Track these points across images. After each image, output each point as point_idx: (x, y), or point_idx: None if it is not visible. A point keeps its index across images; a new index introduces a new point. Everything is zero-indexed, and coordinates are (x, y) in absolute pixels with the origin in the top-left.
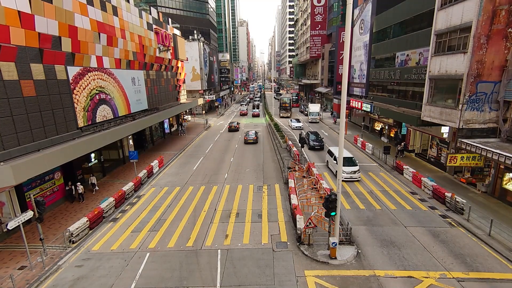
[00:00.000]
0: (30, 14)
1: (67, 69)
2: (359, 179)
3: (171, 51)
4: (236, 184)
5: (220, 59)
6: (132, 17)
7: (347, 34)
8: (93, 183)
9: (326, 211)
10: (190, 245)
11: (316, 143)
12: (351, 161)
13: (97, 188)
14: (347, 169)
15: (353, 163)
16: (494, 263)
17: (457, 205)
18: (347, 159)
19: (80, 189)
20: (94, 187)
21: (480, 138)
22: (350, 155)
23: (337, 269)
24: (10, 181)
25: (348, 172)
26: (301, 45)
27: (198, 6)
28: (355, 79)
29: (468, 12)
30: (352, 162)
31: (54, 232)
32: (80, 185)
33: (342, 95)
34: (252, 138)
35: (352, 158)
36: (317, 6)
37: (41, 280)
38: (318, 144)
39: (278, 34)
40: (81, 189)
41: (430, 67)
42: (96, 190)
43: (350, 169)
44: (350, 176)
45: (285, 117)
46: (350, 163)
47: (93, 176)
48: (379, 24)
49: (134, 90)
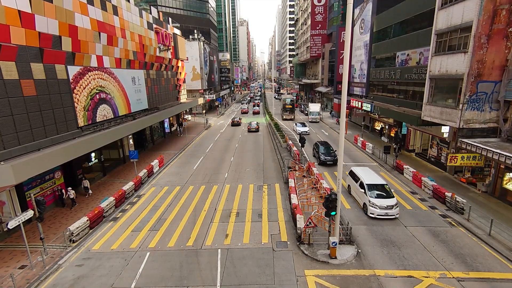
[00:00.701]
0: (31, 14)
1: (68, 69)
2: (397, 216)
3: (171, 50)
4: (236, 184)
5: (221, 59)
6: (132, 17)
7: (348, 34)
8: (86, 186)
9: (326, 211)
10: (190, 245)
11: (328, 158)
12: (384, 190)
13: (90, 192)
14: (379, 202)
15: (387, 194)
16: (494, 263)
17: (457, 205)
18: (378, 186)
19: (71, 193)
20: (87, 191)
21: (481, 138)
22: (381, 181)
23: (337, 269)
24: (11, 181)
25: (380, 206)
26: (302, 44)
27: (199, 5)
28: (355, 78)
29: (468, 11)
30: (386, 192)
31: (55, 231)
32: (71, 190)
33: (342, 94)
34: (254, 127)
35: (385, 186)
36: (317, 5)
37: (42, 279)
38: (330, 159)
39: (278, 33)
40: (73, 194)
41: (430, 67)
42: (89, 194)
43: (383, 203)
44: (385, 212)
45: (288, 119)
46: (383, 193)
47: (86, 180)
48: (379, 23)
49: (134, 89)
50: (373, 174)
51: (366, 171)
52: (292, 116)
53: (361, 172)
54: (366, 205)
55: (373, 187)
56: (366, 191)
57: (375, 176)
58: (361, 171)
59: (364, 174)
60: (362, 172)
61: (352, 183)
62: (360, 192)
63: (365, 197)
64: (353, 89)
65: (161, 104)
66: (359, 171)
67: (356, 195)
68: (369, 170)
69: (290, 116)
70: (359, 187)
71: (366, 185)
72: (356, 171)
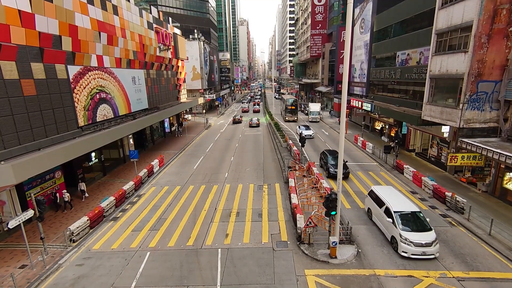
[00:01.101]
0: (31, 13)
1: (68, 68)
2: (437, 256)
3: (171, 50)
4: (237, 184)
5: (221, 58)
6: (132, 16)
7: (348, 34)
8: (82, 189)
9: (327, 210)
10: (190, 244)
11: None
12: (418, 221)
13: (86, 195)
14: (414, 237)
15: (422, 225)
16: (494, 263)
17: (458, 205)
18: (410, 216)
19: (66, 196)
20: (83, 194)
21: (481, 137)
22: (413, 207)
23: (337, 268)
24: (11, 180)
25: (416, 243)
26: (302, 44)
27: (199, 5)
28: (355, 78)
29: (469, 11)
30: (421, 222)
31: (55, 231)
32: (66, 193)
33: (342, 94)
34: (255, 123)
35: (419, 215)
36: (317, 5)
37: (42, 279)
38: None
39: (278, 33)
40: (67, 197)
41: (430, 67)
42: (85, 197)
43: (420, 238)
44: (422, 251)
45: (291, 121)
46: (418, 224)
47: (82, 183)
48: (379, 23)
49: (135, 89)
50: (400, 197)
51: (391, 193)
52: (295, 118)
53: (386, 194)
54: (396, 240)
55: (404, 216)
56: (395, 221)
57: (403, 200)
58: (385, 193)
59: (390, 197)
60: (386, 195)
61: (374, 207)
62: (386, 222)
63: (394, 229)
64: (353, 88)
65: (161, 104)
66: (382, 193)
67: (381, 224)
68: (394, 191)
69: (293, 117)
70: (385, 215)
71: (394, 213)
72: (379, 193)
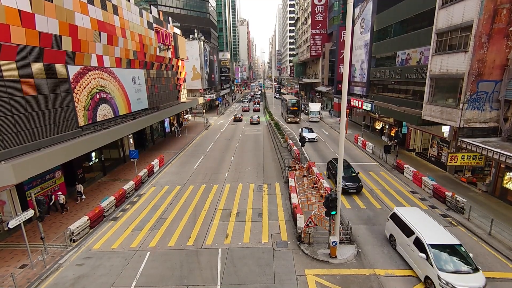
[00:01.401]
0: (31, 13)
1: (68, 68)
2: None
3: (171, 50)
4: (237, 183)
5: (221, 58)
6: (132, 16)
7: (348, 33)
8: (79, 191)
9: (327, 210)
10: (190, 244)
11: (350, 184)
12: (460, 257)
13: (83, 197)
14: (459, 281)
15: (467, 263)
16: (494, 262)
17: (458, 205)
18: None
19: (61, 199)
20: (80, 196)
21: (481, 137)
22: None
23: (338, 268)
24: (11, 180)
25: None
26: (302, 44)
27: (199, 5)
28: (355, 78)
29: (469, 11)
30: (464, 259)
31: (55, 231)
32: (61, 195)
33: (342, 94)
34: (256, 120)
35: (460, 249)
36: (317, 5)
37: (42, 278)
38: (353, 186)
39: (278, 33)
40: (62, 199)
41: (431, 66)
42: (82, 200)
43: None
44: None
45: (294, 122)
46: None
47: (79, 184)
48: (379, 23)
49: (135, 89)
50: (434, 224)
51: (420, 218)
52: (298, 119)
53: (414, 219)
54: (434, 283)
55: (442, 251)
56: (430, 258)
57: (438, 228)
58: (413, 218)
59: (420, 224)
60: (415, 220)
61: (399, 234)
62: (417, 257)
63: (429, 267)
64: (354, 88)
65: (161, 104)
66: (409, 218)
67: (409, 257)
68: (423, 215)
69: (295, 119)
70: (415, 247)
71: (428, 247)
72: (405, 217)
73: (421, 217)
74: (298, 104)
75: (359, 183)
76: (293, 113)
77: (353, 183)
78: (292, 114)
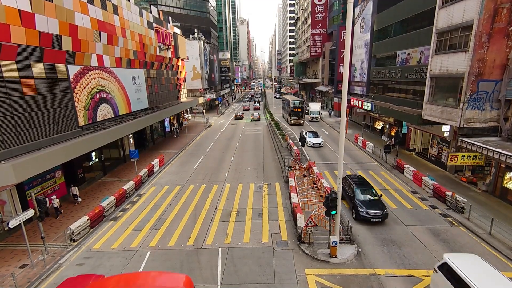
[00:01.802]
0: (31, 13)
1: (68, 68)
2: None
3: (171, 49)
4: (237, 183)
5: (221, 58)
6: (132, 16)
7: (348, 33)
8: (74, 194)
9: (327, 210)
10: (190, 244)
11: (373, 211)
12: None
13: (79, 200)
14: None
15: None
16: (494, 262)
17: (458, 204)
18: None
19: (55, 203)
20: (76, 199)
21: (481, 137)
22: None
23: (338, 268)
24: (11, 180)
25: None
26: (302, 43)
27: (199, 4)
28: (355, 78)
29: (469, 10)
30: None
31: (55, 230)
32: (55, 199)
33: (343, 94)
34: (257, 117)
35: None
36: (317, 4)
37: (43, 278)
38: (375, 214)
39: (278, 32)
40: (57, 203)
41: (431, 66)
42: (78, 203)
43: None
44: None
45: (297, 124)
46: None
47: (75, 187)
48: (380, 22)
49: (135, 88)
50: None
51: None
52: (302, 121)
53: (476, 275)
54: None
55: None
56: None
57: None
58: (473, 273)
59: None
60: (477, 277)
61: None
62: None
63: None
64: (354, 88)
65: (161, 103)
66: (469, 273)
67: None
68: (485, 266)
69: (299, 121)
70: None
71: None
72: (463, 273)
73: (484, 271)
74: (302, 105)
75: (384, 209)
76: (297, 115)
77: (376, 210)
78: (295, 115)
